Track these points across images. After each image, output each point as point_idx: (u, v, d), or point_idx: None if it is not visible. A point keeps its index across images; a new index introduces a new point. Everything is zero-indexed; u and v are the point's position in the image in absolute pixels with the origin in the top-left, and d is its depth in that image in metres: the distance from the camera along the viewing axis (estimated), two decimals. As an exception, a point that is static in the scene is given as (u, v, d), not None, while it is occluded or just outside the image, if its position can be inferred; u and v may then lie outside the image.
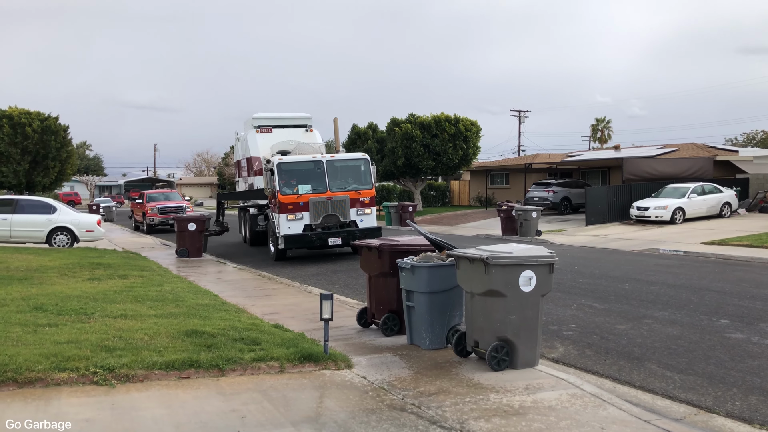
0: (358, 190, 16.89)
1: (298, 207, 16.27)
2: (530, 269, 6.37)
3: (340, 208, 16.49)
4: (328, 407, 5.37)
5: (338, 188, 16.73)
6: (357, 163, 17.55)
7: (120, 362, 5.96)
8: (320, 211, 16.32)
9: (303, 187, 16.49)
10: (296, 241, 16.31)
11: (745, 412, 5.57)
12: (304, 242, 16.43)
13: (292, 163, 16.84)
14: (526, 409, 5.36)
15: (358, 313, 8.54)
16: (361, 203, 16.89)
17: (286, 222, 16.23)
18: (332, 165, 16.93)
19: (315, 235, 16.31)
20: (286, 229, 16.25)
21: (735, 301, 10.36)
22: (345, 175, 17.14)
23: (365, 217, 16.95)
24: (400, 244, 8.01)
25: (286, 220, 16.22)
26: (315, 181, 16.61)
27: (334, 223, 16.47)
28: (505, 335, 6.39)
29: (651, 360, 7.18)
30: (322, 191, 16.50)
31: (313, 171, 16.77)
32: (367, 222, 16.95)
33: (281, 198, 16.19)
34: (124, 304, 9.18)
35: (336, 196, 16.51)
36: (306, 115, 21.09)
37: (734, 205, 26.25)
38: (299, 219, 16.26)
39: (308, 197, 16.32)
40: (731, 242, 18.26)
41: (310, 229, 16.30)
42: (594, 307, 10.14)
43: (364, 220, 16.87)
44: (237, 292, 11.79)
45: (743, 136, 62.08)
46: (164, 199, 31.27)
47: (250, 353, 6.52)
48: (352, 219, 16.70)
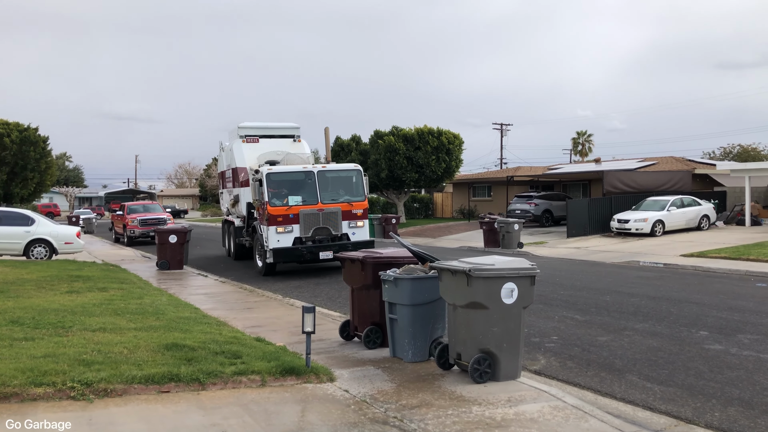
0: (351, 201, 16.31)
1: (287, 219, 15.60)
2: (512, 281, 6.40)
3: (331, 220, 15.90)
4: (310, 421, 5.33)
5: (330, 200, 16.12)
6: (349, 174, 16.94)
7: (98, 376, 5.87)
8: (311, 224, 15.71)
9: (293, 199, 15.80)
10: (286, 254, 15.65)
11: (724, 423, 5.62)
12: (294, 256, 15.79)
13: (281, 173, 16.17)
14: (509, 421, 5.36)
15: (341, 326, 8.50)
16: (354, 216, 16.28)
17: (275, 235, 15.55)
18: (323, 176, 16.31)
19: (305, 249, 15.70)
20: (275, 242, 15.58)
21: (714, 312, 10.49)
22: (336, 187, 16.56)
23: (357, 230, 16.33)
24: (383, 257, 8.01)
25: (275, 233, 15.54)
26: (305, 193, 15.98)
27: (325, 236, 15.86)
28: (487, 347, 6.40)
29: (632, 371, 7.23)
30: (313, 203, 15.88)
31: (303, 182, 16.14)
32: (360, 235, 16.32)
33: (270, 210, 15.54)
34: (104, 317, 9.05)
35: (327, 208, 15.91)
36: (294, 125, 20.58)
37: (712, 218, 26.64)
38: (289, 232, 15.58)
39: (299, 209, 15.66)
40: (710, 254, 18.51)
41: (300, 242, 15.69)
42: (575, 319, 10.20)
43: (357, 233, 16.26)
44: (218, 305, 11.69)
45: (720, 149, 63.09)
46: (144, 210, 30.98)
47: (231, 367, 6.46)
48: (344, 232, 16.13)
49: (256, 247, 17.17)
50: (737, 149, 60.83)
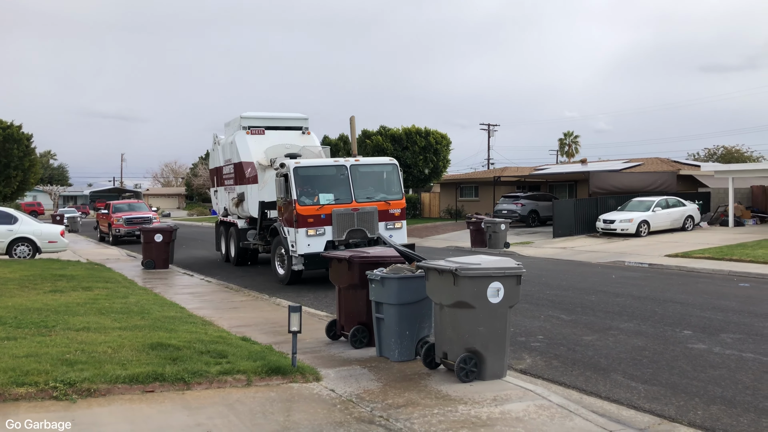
0: (387, 200, 14.55)
1: (319, 220, 13.78)
2: (498, 281, 6.42)
3: (367, 221, 14.14)
4: (296, 421, 5.31)
5: (365, 198, 14.31)
6: (384, 169, 15.13)
7: (81, 376, 5.81)
8: (345, 225, 13.91)
9: (324, 197, 14.01)
10: (319, 261, 13.39)
11: (706, 422, 5.68)
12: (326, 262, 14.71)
13: (311, 167, 14.38)
14: (494, 420, 5.37)
15: (327, 326, 8.49)
16: (391, 216, 14.53)
17: (306, 238, 13.68)
18: (357, 171, 14.44)
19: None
20: (305, 246, 13.70)
21: (697, 312, 10.59)
22: (370, 183, 14.77)
23: (395, 231, 14.47)
24: (370, 256, 8.00)
25: (306, 236, 13.69)
26: (337, 190, 14.20)
27: (360, 240, 13.96)
28: (473, 347, 6.41)
29: (617, 371, 7.28)
30: (347, 201, 14.07)
31: (335, 178, 14.36)
32: (398, 237, 14.26)
33: (299, 209, 13.69)
34: (88, 316, 8.97)
35: (363, 208, 14.14)
36: (302, 115, 18.65)
37: (697, 219, 26.91)
38: (321, 234, 13.75)
39: (331, 208, 13.87)
40: (694, 255, 18.69)
41: (333, 246, 13.81)
42: (561, 318, 10.26)
43: (394, 236, 14.18)
44: (204, 304, 11.62)
45: (705, 151, 63.71)
46: (130, 209, 30.74)
47: (217, 366, 6.42)
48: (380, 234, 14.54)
49: (276, 252, 15.29)
50: (721, 151, 61.48)
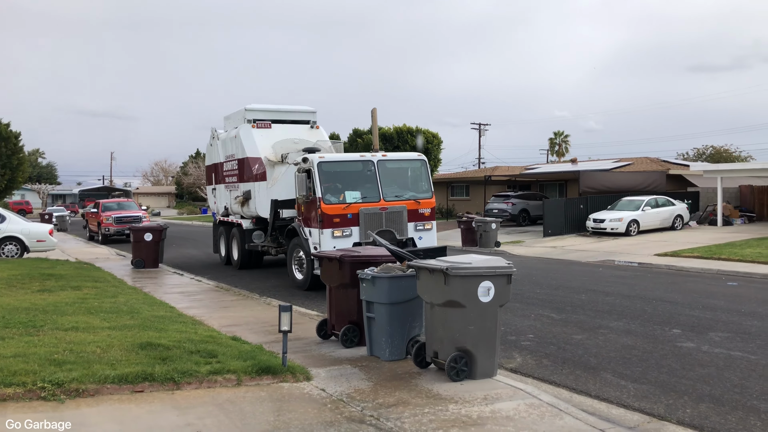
0: (417, 199, 13.54)
1: (345, 220, 12.76)
2: (489, 280, 6.42)
3: (396, 221, 13.12)
4: (286, 420, 5.30)
5: (393, 196, 13.28)
6: (413, 165, 14.19)
7: (70, 376, 5.76)
8: (373, 226, 12.89)
9: (350, 195, 12.99)
10: None
11: (695, 420, 5.72)
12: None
13: (335, 162, 13.47)
14: (485, 419, 5.38)
15: (318, 325, 8.47)
16: (420, 216, 13.48)
17: (331, 240, 12.58)
18: (384, 166, 13.48)
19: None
20: (330, 249, 12.32)
21: (686, 311, 10.66)
22: (398, 180, 13.82)
23: (425, 233, 13.46)
24: (361, 255, 7.99)
25: (331, 237, 12.60)
26: (363, 187, 13.22)
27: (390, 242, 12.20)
28: (464, 346, 6.42)
29: (606, 369, 7.32)
30: (374, 200, 13.06)
31: (361, 174, 13.44)
32: (428, 240, 13.43)
33: (325, 208, 12.68)
34: (76, 316, 8.90)
35: (391, 207, 13.11)
36: (310, 108, 17.63)
37: (686, 218, 27.10)
38: (347, 236, 12.70)
39: (358, 207, 12.87)
40: (683, 254, 18.81)
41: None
42: (551, 317, 10.29)
43: (424, 238, 13.38)
44: (194, 303, 11.57)
45: (694, 150, 64.20)
46: (119, 208, 30.56)
47: (207, 366, 6.39)
48: (409, 236, 13.26)
49: (294, 255, 14.17)
50: (710, 151, 61.95)
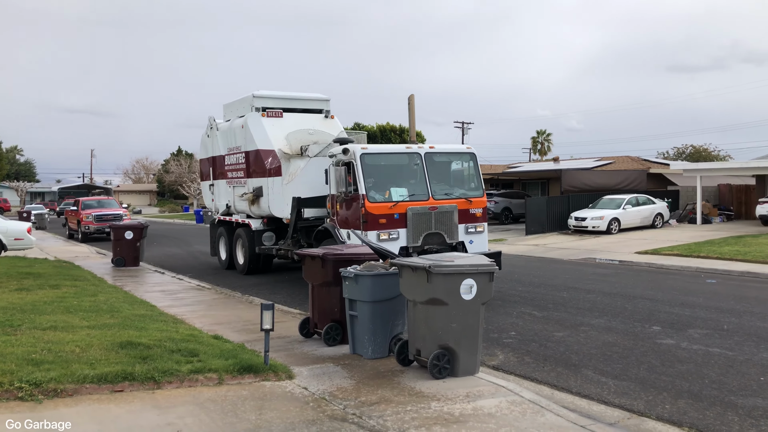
0: (468, 197, 12.09)
1: (392, 221, 11.22)
2: (471, 278, 6.45)
3: (446, 223, 11.65)
4: (268, 419, 5.27)
5: (443, 194, 11.83)
6: (461, 159, 12.60)
7: (48, 376, 5.69)
8: (421, 228, 11.39)
9: (396, 192, 11.48)
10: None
11: (674, 415, 5.79)
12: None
13: (380, 155, 11.94)
14: (467, 416, 5.40)
15: (301, 323, 8.44)
16: (472, 217, 12.04)
17: (377, 243, 10.50)
18: (431, 160, 11.95)
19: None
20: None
21: (666, 308, 10.78)
22: (445, 176, 12.36)
23: (477, 236, 12.08)
24: (344, 253, 7.98)
25: (377, 240, 10.90)
26: (409, 184, 11.78)
27: (438, 246, 11.46)
28: (446, 343, 6.44)
29: (587, 366, 7.38)
30: (423, 198, 11.57)
31: (407, 168, 11.98)
32: (479, 243, 12.05)
33: (370, 207, 11.14)
34: (55, 315, 8.79)
35: (442, 206, 11.62)
36: (323, 96, 16.08)
37: (666, 216, 27.43)
38: (394, 239, 11.19)
39: (406, 206, 11.34)
40: (663, 252, 19.03)
41: (407, 253, 10.88)
42: (533, 315, 10.36)
43: (475, 242, 11.98)
44: (175, 302, 11.47)
45: (674, 150, 64.98)
46: (99, 206, 30.21)
47: (188, 365, 6.35)
48: (460, 239, 11.81)
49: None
50: (690, 150, 62.75)
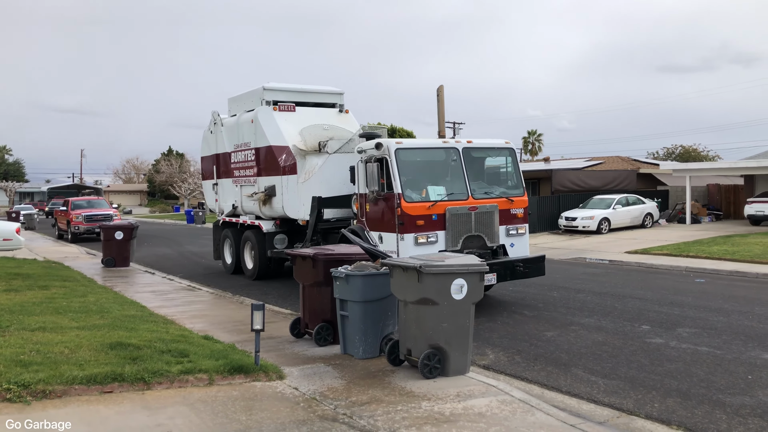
0: (509, 196, 11.05)
1: (429, 222, 10.17)
2: (462, 277, 6.46)
3: (486, 224, 10.60)
4: (258, 420, 5.26)
5: (482, 193, 10.77)
6: (499, 154, 11.49)
7: (36, 377, 5.65)
8: (460, 230, 10.37)
9: (433, 190, 10.45)
10: None
11: (663, 414, 5.82)
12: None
13: (415, 150, 10.82)
14: (457, 416, 5.41)
15: (291, 324, 8.43)
16: (512, 218, 10.98)
17: (414, 247, 9.93)
18: (469, 155, 10.89)
19: None
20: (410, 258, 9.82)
21: (655, 307, 10.84)
22: (482, 173, 11.29)
23: (518, 239, 11.01)
24: (335, 253, 7.98)
25: (414, 245, 9.98)
26: (446, 182, 10.75)
27: (479, 250, 10.39)
28: (437, 343, 6.45)
29: (577, 365, 7.41)
30: (461, 197, 10.50)
31: (443, 165, 10.96)
32: (520, 247, 11.03)
33: (407, 207, 10.08)
34: (44, 316, 8.74)
35: (482, 206, 10.57)
36: (337, 90, 15.17)
37: (656, 216, 27.60)
38: (432, 242, 10.16)
39: (445, 206, 10.29)
40: (653, 251, 19.14)
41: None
42: (524, 314, 10.39)
43: (517, 245, 10.96)
44: (166, 302, 11.43)
45: (664, 150, 65.34)
46: (89, 206, 30.04)
47: (178, 365, 6.32)
48: (501, 242, 10.79)
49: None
50: (679, 150, 63.13)
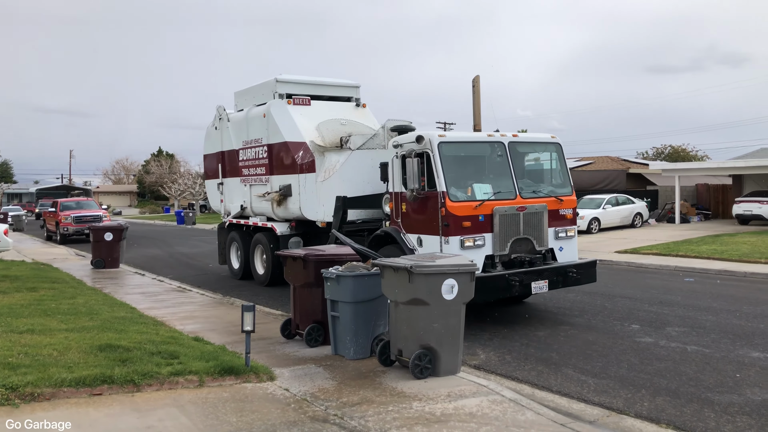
0: (558, 195, 10.09)
1: (476, 224, 9.14)
2: (452, 278, 6.48)
3: (535, 226, 9.60)
4: (249, 421, 5.25)
5: (530, 192, 9.80)
6: (546, 150, 10.47)
7: (25, 380, 5.61)
8: (509, 232, 9.36)
9: (479, 189, 9.42)
10: (486, 288, 8.71)
11: (652, 413, 5.86)
12: (498, 289, 9.05)
13: (460, 144, 9.80)
14: (448, 416, 5.42)
15: (282, 325, 8.41)
16: (561, 219, 10.02)
17: (460, 251, 8.93)
18: (515, 150, 9.92)
19: (515, 276, 9.04)
20: None
21: (645, 306, 10.91)
22: (528, 170, 10.33)
23: (567, 242, 10.05)
24: (326, 254, 7.97)
25: (461, 248, 8.97)
26: (491, 179, 9.71)
27: (527, 254, 9.53)
28: (428, 343, 6.46)
29: (568, 365, 7.44)
30: (509, 196, 9.52)
31: (489, 160, 10.05)
32: (569, 251, 10.05)
33: (452, 206, 9.02)
34: (32, 318, 8.67)
35: (530, 206, 9.59)
36: (353, 82, 14.34)
37: (645, 216, 27.77)
38: (479, 246, 9.13)
39: (492, 206, 9.26)
40: (642, 251, 19.24)
41: (491, 264, 9.24)
42: (514, 313, 10.41)
43: (565, 248, 10.00)
44: (156, 304, 11.37)
45: (653, 150, 65.68)
46: (78, 207, 29.85)
47: (168, 367, 6.30)
48: (549, 246, 9.81)
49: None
50: (669, 150, 63.49)
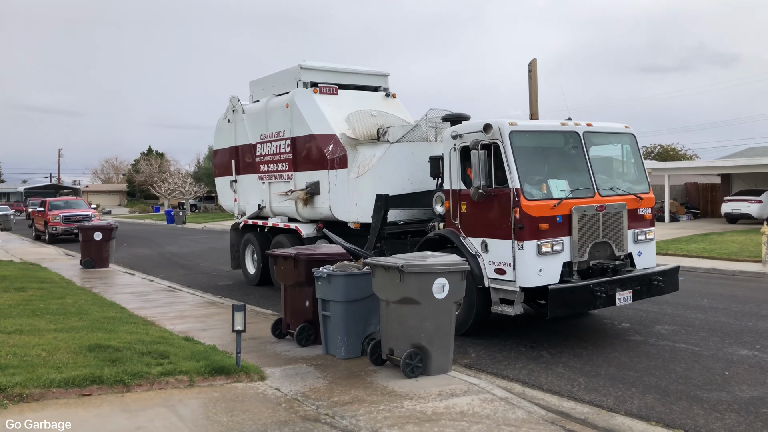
0: (636, 193, 8.98)
1: (554, 226, 8.00)
2: (443, 277, 6.48)
3: (614, 228, 8.48)
4: (239, 421, 5.23)
5: (608, 189, 8.69)
6: (621, 141, 9.39)
7: (13, 381, 5.57)
8: (588, 235, 8.24)
9: (555, 185, 8.34)
10: (566, 300, 7.85)
11: (642, 411, 5.89)
12: (579, 303, 8.12)
13: (533, 134, 8.66)
14: (439, 415, 5.43)
15: (273, 324, 8.40)
16: (640, 219, 8.95)
17: (536, 259, 7.85)
18: (591, 142, 8.79)
19: (600, 287, 7.94)
20: (534, 273, 7.87)
21: (635, 305, 10.93)
22: (603, 164, 9.21)
23: (646, 246, 8.98)
24: (316, 254, 7.96)
25: (537, 255, 7.85)
26: (567, 174, 8.60)
27: (606, 260, 8.42)
28: (419, 342, 6.47)
29: (558, 363, 7.47)
30: (587, 194, 8.41)
31: (563, 153, 8.95)
32: (647, 256, 9.01)
33: (527, 206, 7.88)
34: (21, 318, 8.61)
35: (609, 205, 8.47)
36: (382, 71, 13.31)
37: (635, 215, 27.90)
38: (558, 251, 8.01)
39: (570, 205, 8.13)
40: (632, 250, 19.35)
41: (569, 272, 8.14)
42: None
43: (644, 253, 8.94)
44: (146, 304, 11.32)
45: (643, 149, 65.92)
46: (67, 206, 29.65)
47: (158, 367, 6.27)
48: (628, 250, 8.72)
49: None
50: (658, 149, 63.89)
